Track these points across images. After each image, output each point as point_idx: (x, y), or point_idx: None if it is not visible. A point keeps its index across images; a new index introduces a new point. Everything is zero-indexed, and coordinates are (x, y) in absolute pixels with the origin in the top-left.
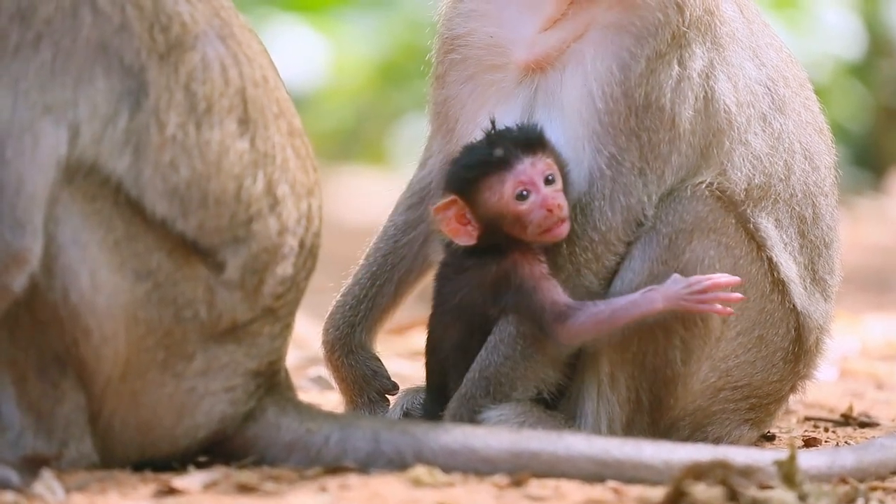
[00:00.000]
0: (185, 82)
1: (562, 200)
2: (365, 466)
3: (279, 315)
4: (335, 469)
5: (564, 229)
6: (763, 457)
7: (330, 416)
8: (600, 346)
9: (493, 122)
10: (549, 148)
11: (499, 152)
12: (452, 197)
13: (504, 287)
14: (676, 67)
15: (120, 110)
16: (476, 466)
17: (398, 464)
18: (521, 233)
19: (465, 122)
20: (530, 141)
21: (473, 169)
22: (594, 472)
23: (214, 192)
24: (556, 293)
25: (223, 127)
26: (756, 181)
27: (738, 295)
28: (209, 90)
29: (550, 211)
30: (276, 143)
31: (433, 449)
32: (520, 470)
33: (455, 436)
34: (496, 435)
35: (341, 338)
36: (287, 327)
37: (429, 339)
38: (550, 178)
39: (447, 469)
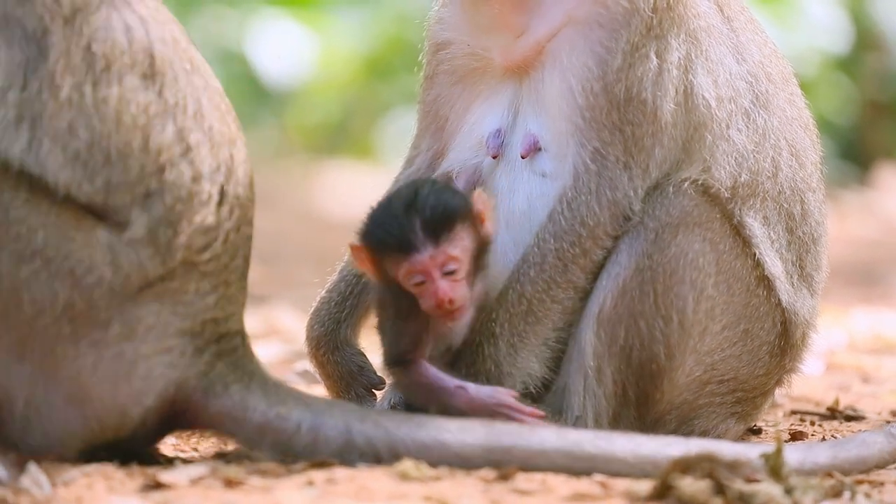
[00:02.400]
0: (86, 44)
1: (457, 293)
2: (337, 456)
3: (205, 271)
4: (322, 463)
5: (461, 317)
6: (750, 450)
7: (300, 401)
8: (522, 343)
9: (416, 191)
10: (461, 229)
11: (400, 234)
12: (359, 246)
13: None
14: (655, 60)
15: (13, 83)
16: (448, 461)
17: (371, 456)
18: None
19: (455, 121)
20: (437, 227)
21: (379, 240)
22: (567, 466)
23: (117, 147)
24: (410, 348)
25: (122, 83)
26: (742, 179)
27: (538, 413)
28: (109, 49)
29: (439, 305)
30: (188, 94)
31: (405, 442)
32: (492, 465)
33: (428, 430)
34: (470, 429)
35: (326, 334)
36: (224, 285)
37: None
38: (450, 269)
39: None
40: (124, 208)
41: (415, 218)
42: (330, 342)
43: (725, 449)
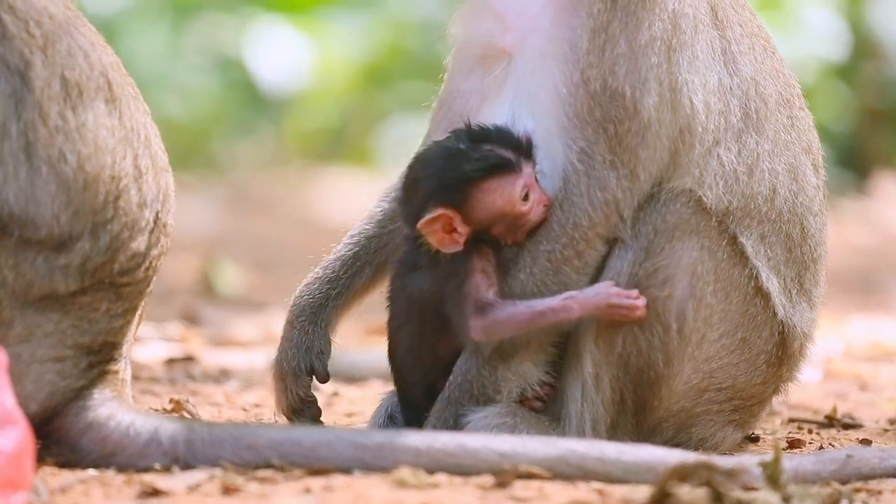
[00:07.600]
0: (60, 72)
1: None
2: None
3: (123, 293)
4: (319, 470)
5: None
6: (748, 458)
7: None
8: (518, 346)
9: (467, 125)
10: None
11: (507, 155)
12: (439, 212)
13: (453, 278)
14: (623, 42)
15: (9, 115)
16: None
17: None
18: (512, 233)
19: (466, 116)
20: (522, 144)
21: (477, 172)
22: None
23: (93, 172)
24: (484, 287)
25: (94, 108)
26: (735, 204)
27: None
28: (78, 75)
29: (546, 207)
30: (138, 120)
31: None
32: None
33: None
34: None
35: (313, 306)
36: (132, 311)
37: (388, 345)
38: (538, 177)
39: None
40: (73, 236)
41: (502, 143)
42: (312, 314)
43: (723, 458)
